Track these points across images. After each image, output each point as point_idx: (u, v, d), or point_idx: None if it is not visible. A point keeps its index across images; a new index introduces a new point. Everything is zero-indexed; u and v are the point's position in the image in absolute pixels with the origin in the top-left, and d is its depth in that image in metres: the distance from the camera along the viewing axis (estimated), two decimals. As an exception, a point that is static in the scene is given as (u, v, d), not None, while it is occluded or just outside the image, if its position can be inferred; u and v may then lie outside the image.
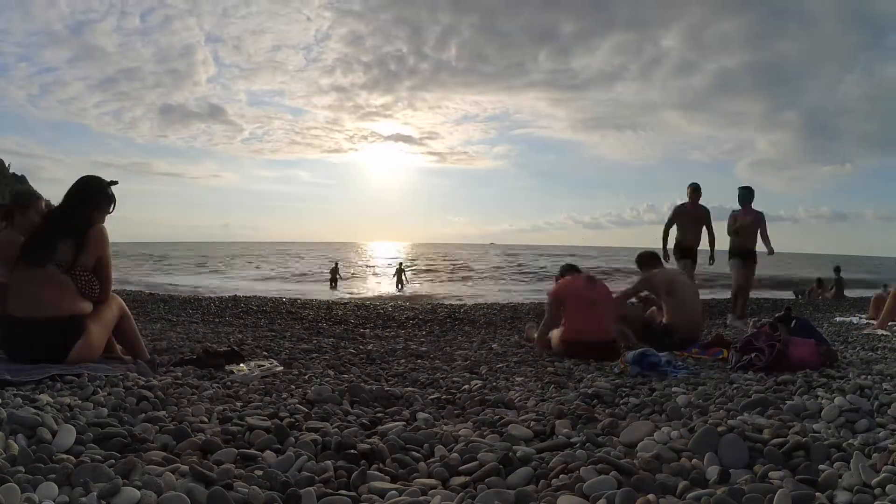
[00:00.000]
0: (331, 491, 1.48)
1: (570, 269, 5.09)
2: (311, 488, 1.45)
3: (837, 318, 7.30)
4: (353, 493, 1.49)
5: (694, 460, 1.66)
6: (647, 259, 5.14)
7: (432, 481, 1.60)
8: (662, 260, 5.76)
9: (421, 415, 2.32)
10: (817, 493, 1.42)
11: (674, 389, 2.68)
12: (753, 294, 14.21)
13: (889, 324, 5.65)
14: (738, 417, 2.04)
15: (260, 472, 1.54)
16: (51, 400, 2.07)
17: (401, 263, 23.85)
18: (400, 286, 21.38)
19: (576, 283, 4.45)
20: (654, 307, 5.05)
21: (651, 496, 1.40)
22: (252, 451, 1.75)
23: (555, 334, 4.39)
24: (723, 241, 6.99)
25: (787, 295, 14.77)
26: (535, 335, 4.93)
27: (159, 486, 1.40)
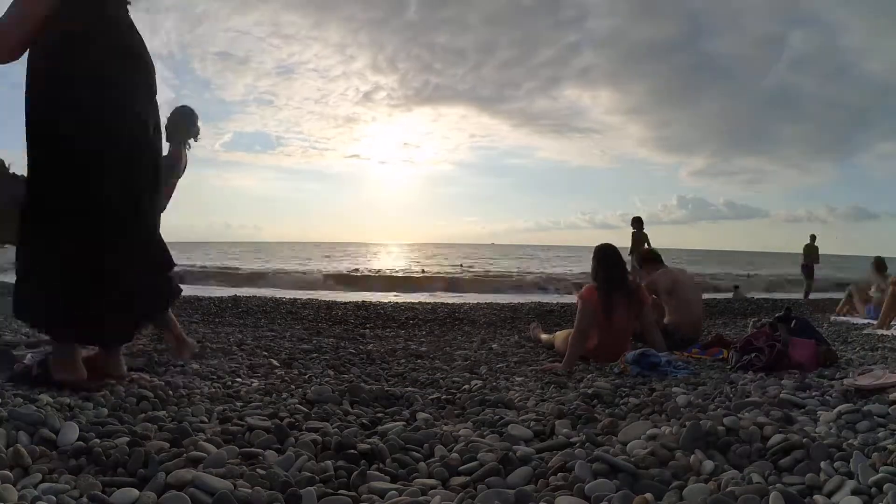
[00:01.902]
0: (331, 491, 1.48)
1: (650, 259, 5.01)
2: (311, 488, 1.45)
3: (835, 318, 7.29)
4: (353, 493, 1.49)
5: (690, 458, 1.66)
6: (650, 260, 5.15)
7: (432, 481, 1.60)
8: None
9: (421, 415, 2.32)
10: (815, 493, 1.42)
11: (674, 389, 2.68)
12: (753, 294, 14.18)
13: (891, 323, 5.65)
14: (738, 415, 2.04)
15: (262, 472, 1.54)
16: (51, 400, 2.07)
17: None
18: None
19: (600, 303, 3.80)
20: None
21: (648, 495, 1.40)
22: (253, 449, 1.75)
23: (559, 336, 4.37)
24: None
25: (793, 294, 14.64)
26: (540, 335, 4.91)
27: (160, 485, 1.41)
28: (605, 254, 3.98)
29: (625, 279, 4.01)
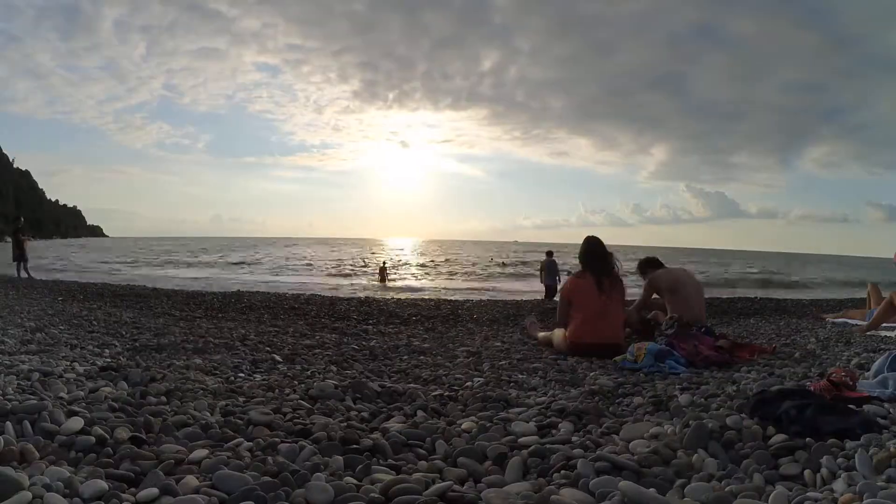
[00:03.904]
0: (336, 480, 1.49)
1: (649, 263, 5.11)
2: (319, 477, 1.46)
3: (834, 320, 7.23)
4: (358, 483, 1.49)
5: (693, 457, 1.66)
6: (649, 263, 5.21)
7: (435, 476, 1.61)
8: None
9: (422, 412, 2.33)
10: (817, 493, 1.42)
11: (676, 388, 2.69)
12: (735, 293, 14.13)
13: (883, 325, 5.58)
14: (741, 415, 2.04)
15: (270, 461, 1.56)
16: (55, 396, 2.09)
17: (384, 262, 26.24)
18: (383, 282, 22.03)
19: (586, 286, 4.21)
20: (656, 311, 5.06)
21: (652, 490, 1.41)
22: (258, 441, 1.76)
23: (558, 333, 4.38)
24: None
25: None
26: (538, 333, 4.92)
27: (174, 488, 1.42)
28: (590, 244, 4.41)
29: (611, 266, 4.32)
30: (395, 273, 26.74)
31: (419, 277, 26.30)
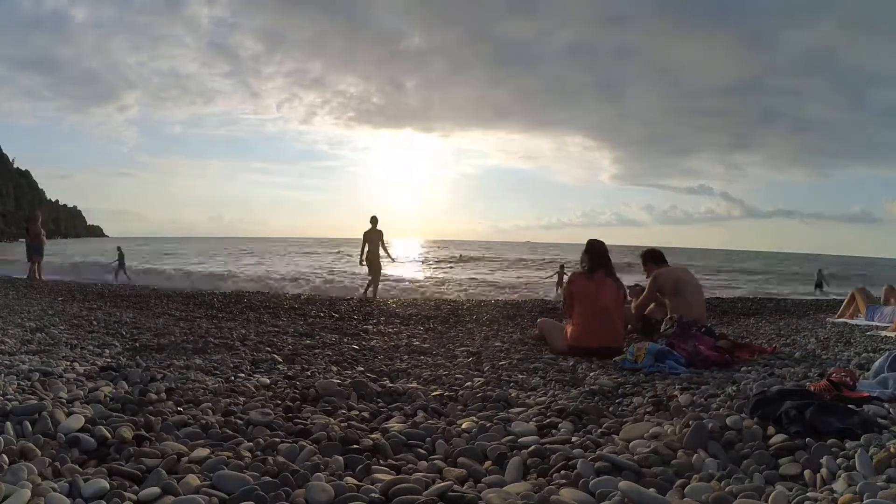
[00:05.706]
0: (336, 480, 1.49)
1: (653, 256, 5.09)
2: (316, 482, 1.46)
3: (834, 320, 7.22)
4: (358, 483, 1.50)
5: (693, 457, 1.66)
6: (652, 257, 5.13)
7: (435, 476, 1.61)
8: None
9: (422, 412, 2.33)
10: (817, 493, 1.42)
11: (676, 388, 2.69)
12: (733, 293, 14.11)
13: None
14: (741, 415, 2.04)
15: (270, 461, 1.56)
16: (55, 396, 2.09)
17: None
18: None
19: (588, 287, 4.21)
20: (652, 305, 5.07)
21: (652, 490, 1.41)
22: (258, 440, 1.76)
23: (557, 332, 4.38)
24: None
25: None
26: (543, 331, 4.92)
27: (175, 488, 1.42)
28: (593, 244, 4.46)
29: (608, 265, 4.33)
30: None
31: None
